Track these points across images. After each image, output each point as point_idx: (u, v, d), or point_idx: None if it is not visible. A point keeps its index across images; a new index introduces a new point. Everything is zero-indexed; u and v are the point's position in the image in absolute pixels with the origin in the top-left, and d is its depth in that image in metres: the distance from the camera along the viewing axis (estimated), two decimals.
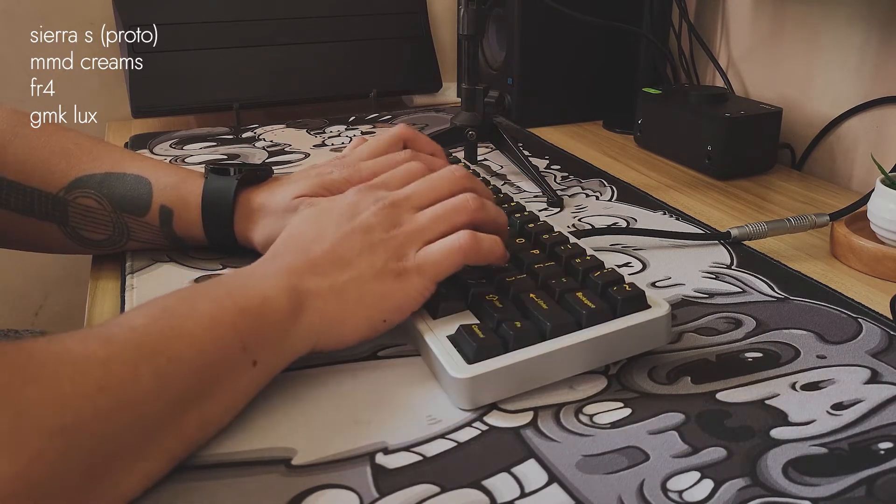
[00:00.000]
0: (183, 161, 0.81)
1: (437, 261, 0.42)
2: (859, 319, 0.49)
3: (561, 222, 0.65)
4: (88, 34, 1.07)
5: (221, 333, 0.36)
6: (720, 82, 0.94)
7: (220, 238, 0.55)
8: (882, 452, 0.36)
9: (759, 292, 0.53)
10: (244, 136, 0.90)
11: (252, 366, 0.37)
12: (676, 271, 0.56)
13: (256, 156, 0.83)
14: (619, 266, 0.56)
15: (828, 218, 0.61)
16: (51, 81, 1.07)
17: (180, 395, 0.34)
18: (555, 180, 0.76)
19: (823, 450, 0.37)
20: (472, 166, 0.69)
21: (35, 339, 0.32)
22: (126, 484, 0.32)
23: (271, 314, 0.38)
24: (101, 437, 0.30)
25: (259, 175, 0.56)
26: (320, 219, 0.45)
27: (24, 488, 0.27)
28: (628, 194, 0.72)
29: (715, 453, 0.36)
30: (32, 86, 1.06)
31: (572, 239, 0.50)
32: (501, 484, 0.34)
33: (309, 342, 0.41)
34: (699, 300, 0.52)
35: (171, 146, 0.87)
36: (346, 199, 0.46)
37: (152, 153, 0.84)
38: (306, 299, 0.40)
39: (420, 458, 0.36)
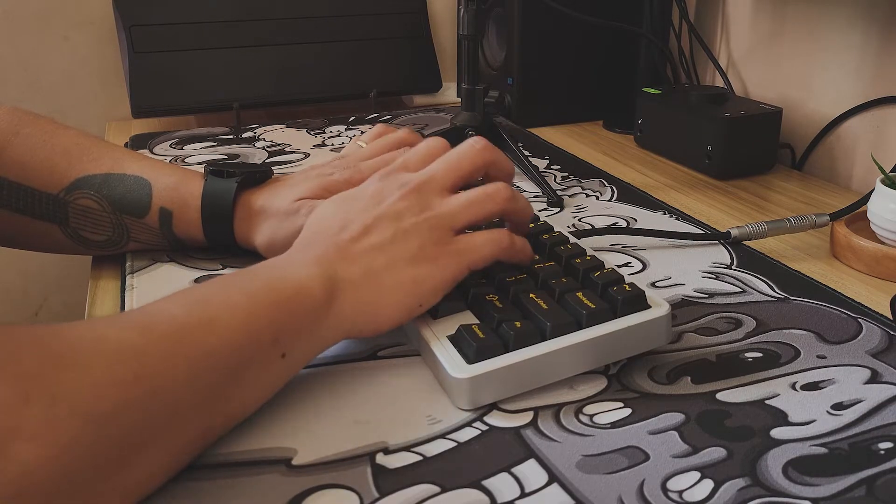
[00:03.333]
0: (183, 161, 0.81)
1: (476, 247, 0.43)
2: (859, 319, 0.49)
3: (561, 222, 0.65)
4: (88, 34, 1.07)
5: (256, 326, 0.36)
6: (720, 82, 0.94)
7: (219, 239, 0.55)
8: (882, 452, 0.36)
9: (759, 292, 0.53)
10: (244, 136, 0.90)
11: (281, 358, 0.38)
12: (676, 271, 0.56)
13: (256, 156, 0.83)
14: (619, 266, 0.56)
15: (828, 218, 0.61)
16: (51, 81, 1.07)
17: (212, 386, 0.34)
18: (555, 180, 0.76)
19: (823, 450, 0.37)
20: None
21: (71, 324, 0.32)
22: (153, 471, 0.32)
23: (305, 303, 0.38)
24: (135, 424, 0.31)
25: (259, 177, 0.56)
26: (346, 207, 0.44)
27: (58, 473, 0.28)
28: (628, 194, 0.72)
29: (715, 453, 0.36)
30: (32, 86, 1.06)
31: (572, 239, 0.50)
32: (501, 484, 0.35)
33: (341, 331, 0.41)
34: (699, 300, 0.52)
35: (171, 146, 0.87)
36: (370, 186, 0.45)
37: (152, 153, 0.84)
38: (339, 287, 0.40)
39: (420, 458, 0.36)
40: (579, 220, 0.66)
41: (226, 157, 0.82)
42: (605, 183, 0.75)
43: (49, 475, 0.27)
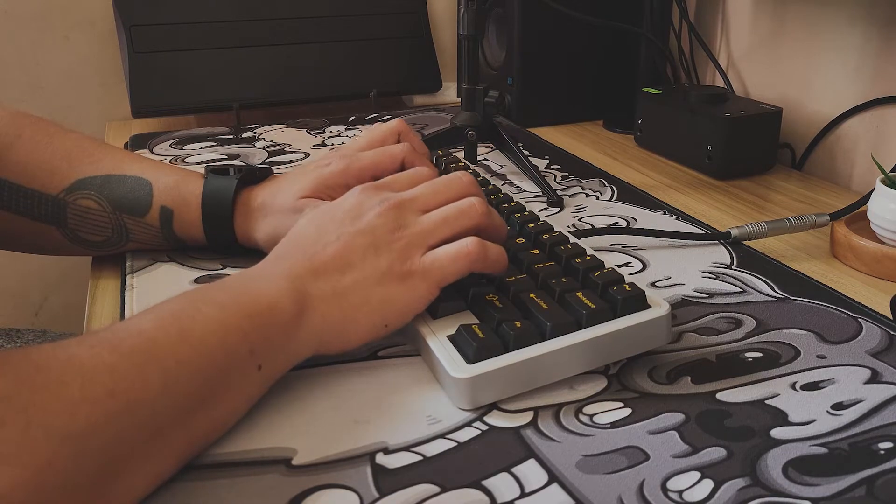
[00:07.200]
0: (183, 161, 0.81)
1: (443, 266, 0.42)
2: (859, 319, 0.49)
3: (561, 222, 0.65)
4: (89, 34, 1.07)
5: (228, 338, 0.36)
6: (720, 82, 0.94)
7: (219, 238, 0.55)
8: (882, 452, 0.36)
9: (759, 292, 0.53)
10: (244, 136, 0.90)
11: (257, 369, 0.38)
12: (676, 271, 0.56)
13: (256, 156, 0.83)
14: (619, 266, 0.56)
15: (828, 218, 0.61)
16: (51, 81, 1.07)
17: (188, 399, 0.34)
18: (555, 180, 0.76)
19: (823, 450, 0.37)
20: (472, 166, 0.69)
21: (41, 346, 0.32)
22: (135, 486, 0.32)
23: (276, 318, 0.38)
24: (111, 441, 0.30)
25: (259, 175, 0.56)
26: (323, 220, 0.44)
27: (35, 495, 0.27)
28: (628, 194, 0.72)
29: (715, 453, 0.36)
30: (32, 86, 1.06)
31: (572, 239, 0.50)
32: (501, 484, 0.35)
33: (312, 345, 0.41)
34: (699, 300, 0.52)
35: (171, 146, 0.87)
36: (350, 198, 0.45)
37: (152, 153, 0.84)
38: (310, 303, 0.40)
39: (420, 458, 0.36)
40: (579, 220, 0.66)
41: (226, 157, 0.82)
42: (605, 183, 0.75)
43: (27, 498, 0.27)
